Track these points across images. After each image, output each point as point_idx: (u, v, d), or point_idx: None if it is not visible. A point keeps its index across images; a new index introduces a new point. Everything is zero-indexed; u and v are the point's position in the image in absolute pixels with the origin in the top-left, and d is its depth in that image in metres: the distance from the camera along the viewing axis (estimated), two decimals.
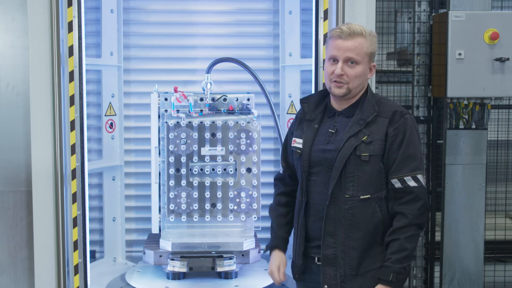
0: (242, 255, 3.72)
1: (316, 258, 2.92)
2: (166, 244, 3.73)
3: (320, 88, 3.66)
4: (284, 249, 3.10)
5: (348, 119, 2.89)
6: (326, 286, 2.87)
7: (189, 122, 3.67)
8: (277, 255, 3.08)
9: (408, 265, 2.76)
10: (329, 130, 2.92)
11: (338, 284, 2.84)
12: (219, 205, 3.71)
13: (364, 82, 2.90)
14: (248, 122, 3.70)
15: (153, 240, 3.89)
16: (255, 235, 3.87)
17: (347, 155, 2.81)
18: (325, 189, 2.87)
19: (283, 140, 3.90)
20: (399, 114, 2.82)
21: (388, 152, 2.81)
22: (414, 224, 2.77)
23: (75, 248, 3.61)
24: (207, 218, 3.73)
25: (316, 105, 3.01)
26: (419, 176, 2.80)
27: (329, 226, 2.87)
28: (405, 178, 2.79)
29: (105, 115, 4.21)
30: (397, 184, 2.80)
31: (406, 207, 2.78)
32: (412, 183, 2.78)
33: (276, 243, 3.11)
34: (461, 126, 4.57)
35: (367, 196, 2.82)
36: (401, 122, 2.81)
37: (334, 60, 2.85)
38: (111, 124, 4.23)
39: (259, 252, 3.81)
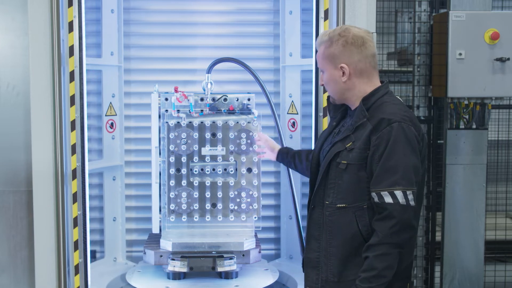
0: (243, 255, 3.72)
1: None
2: (166, 244, 3.73)
3: (321, 88, 3.66)
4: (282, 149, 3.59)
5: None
6: None
7: (190, 122, 3.67)
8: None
9: (378, 285, 2.59)
10: (335, 131, 2.91)
11: None
12: (219, 205, 3.71)
13: (341, 86, 2.79)
14: (248, 122, 3.70)
15: (154, 240, 3.89)
16: (256, 235, 3.87)
17: (329, 161, 2.77)
18: None
19: (283, 140, 3.91)
20: (386, 122, 2.63)
21: (370, 162, 2.66)
22: (386, 243, 2.58)
23: (76, 248, 3.61)
24: (208, 218, 3.73)
25: (341, 104, 2.95)
26: (397, 192, 2.58)
27: (313, 230, 2.85)
28: (382, 193, 2.60)
29: (105, 115, 4.21)
30: (375, 198, 2.62)
31: (378, 224, 2.62)
32: (388, 199, 2.59)
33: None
34: (462, 126, 4.56)
35: (343, 205, 2.72)
36: (386, 130, 2.62)
37: None
38: (112, 124, 4.23)
39: (259, 252, 3.81)
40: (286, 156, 3.55)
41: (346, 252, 2.74)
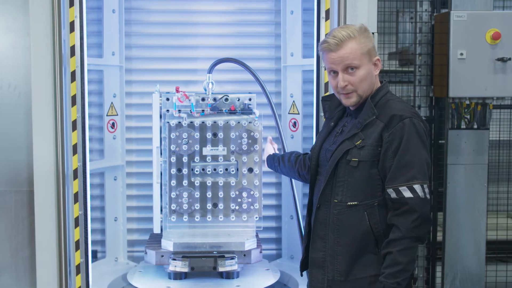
0: (244, 255, 3.72)
1: None
2: (167, 244, 3.73)
3: (322, 88, 3.66)
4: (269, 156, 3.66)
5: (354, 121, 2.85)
6: None
7: (191, 122, 3.67)
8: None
9: (403, 280, 2.61)
10: (337, 130, 2.90)
11: None
12: (220, 205, 3.71)
13: (373, 81, 2.80)
14: (249, 122, 3.70)
15: (155, 240, 3.89)
16: (257, 235, 3.87)
17: (337, 159, 2.76)
18: None
19: (284, 140, 3.92)
20: (398, 119, 2.66)
21: (383, 159, 2.67)
22: (409, 237, 2.61)
23: (77, 248, 3.61)
24: (209, 218, 3.73)
25: (338, 103, 2.94)
26: (416, 186, 2.62)
27: (319, 229, 2.85)
28: (400, 188, 2.63)
29: (106, 115, 4.21)
30: (392, 194, 2.64)
31: (399, 219, 2.63)
32: (407, 194, 2.62)
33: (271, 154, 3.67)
34: (463, 126, 4.56)
35: (354, 203, 2.72)
36: (398, 127, 2.65)
37: (334, 72, 2.79)
38: (113, 124, 4.24)
39: (260, 252, 3.81)
40: (272, 161, 3.64)
41: (355, 251, 2.74)
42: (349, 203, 2.74)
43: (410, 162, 2.64)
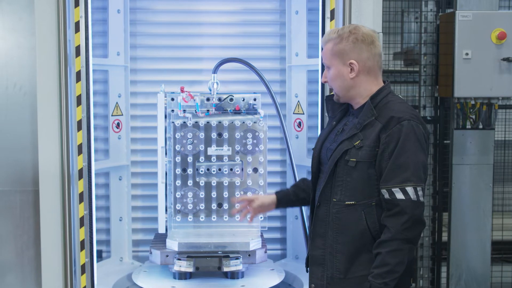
0: (249, 255, 3.72)
1: None
2: (172, 244, 3.73)
3: (327, 88, 3.66)
4: (279, 198, 3.16)
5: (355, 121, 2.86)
6: (313, 285, 2.88)
7: (196, 122, 3.68)
8: (268, 195, 3.21)
9: (391, 281, 2.62)
10: (337, 129, 2.91)
11: (324, 285, 2.83)
12: (225, 205, 3.72)
13: (348, 83, 2.79)
14: (254, 122, 3.70)
15: (160, 240, 3.90)
16: (262, 235, 3.87)
17: (336, 159, 2.77)
18: None
19: (288, 140, 3.91)
20: (396, 120, 2.66)
21: (379, 160, 2.68)
22: (399, 239, 2.62)
23: (82, 248, 3.62)
24: (214, 218, 3.73)
25: (341, 103, 2.96)
26: (409, 189, 2.62)
27: (319, 227, 2.86)
28: (393, 189, 2.64)
29: (111, 115, 4.21)
30: (386, 195, 2.65)
31: (390, 220, 2.64)
32: (399, 196, 2.62)
33: (278, 191, 3.21)
34: (468, 126, 4.56)
35: (352, 202, 2.74)
36: (396, 129, 2.65)
37: None
38: (118, 124, 4.24)
39: (265, 252, 3.81)
40: (288, 195, 3.24)
41: (353, 249, 2.75)
42: (347, 202, 2.75)
43: (404, 164, 2.64)
